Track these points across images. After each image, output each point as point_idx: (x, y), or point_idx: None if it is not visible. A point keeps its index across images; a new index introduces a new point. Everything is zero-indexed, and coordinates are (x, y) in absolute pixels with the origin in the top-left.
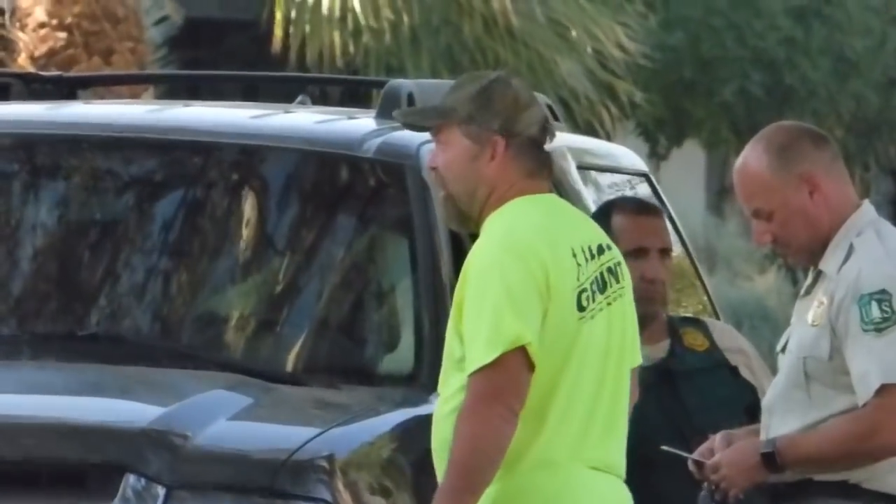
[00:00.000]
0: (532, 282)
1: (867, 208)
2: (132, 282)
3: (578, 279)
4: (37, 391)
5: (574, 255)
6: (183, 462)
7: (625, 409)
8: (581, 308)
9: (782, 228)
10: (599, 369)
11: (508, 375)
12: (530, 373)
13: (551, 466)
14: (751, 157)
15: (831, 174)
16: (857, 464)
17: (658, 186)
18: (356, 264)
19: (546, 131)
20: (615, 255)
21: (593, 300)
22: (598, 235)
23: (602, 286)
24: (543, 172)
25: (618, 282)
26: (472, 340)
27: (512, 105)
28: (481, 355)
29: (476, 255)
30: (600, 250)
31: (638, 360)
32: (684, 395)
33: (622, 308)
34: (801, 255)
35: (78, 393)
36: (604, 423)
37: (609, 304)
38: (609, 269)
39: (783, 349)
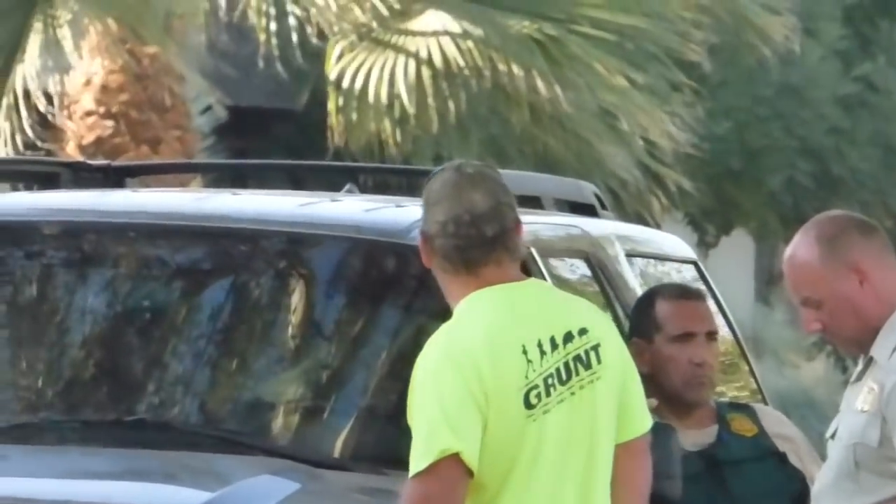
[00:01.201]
0: (466, 390)
1: None
2: (179, 369)
3: (527, 377)
4: (84, 477)
5: (525, 352)
6: None
7: (601, 489)
8: (529, 406)
9: (831, 317)
10: (560, 461)
11: (441, 484)
12: (467, 479)
13: None
14: (800, 247)
15: (880, 263)
16: None
17: (706, 273)
18: (403, 351)
19: (472, 224)
20: (592, 338)
21: (547, 395)
22: (569, 321)
23: (564, 377)
24: (496, 261)
25: (588, 368)
26: (411, 449)
27: (424, 203)
28: (414, 464)
29: (418, 363)
30: (568, 338)
31: (629, 434)
32: (731, 485)
33: (593, 393)
34: (850, 344)
35: (125, 479)
36: None
37: (573, 392)
38: (577, 357)
39: (832, 436)
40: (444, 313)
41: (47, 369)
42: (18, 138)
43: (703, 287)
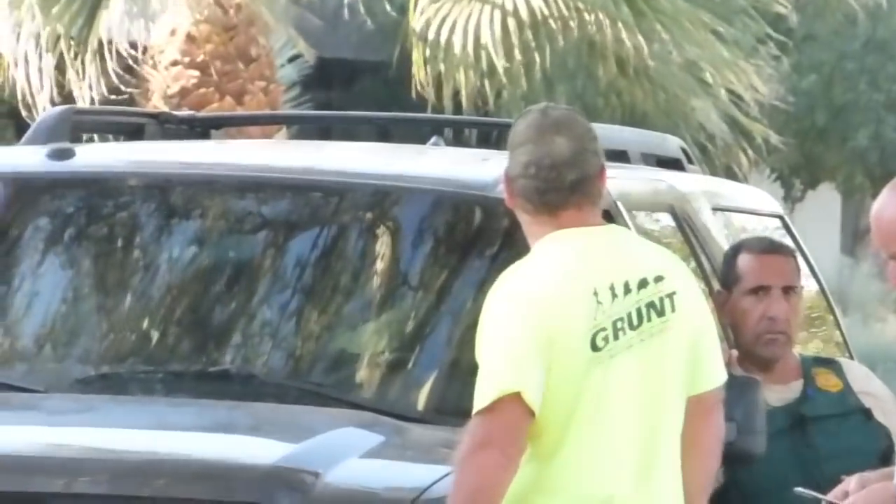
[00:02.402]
0: (531, 330)
1: None
2: (265, 321)
3: (595, 319)
4: (169, 429)
5: (595, 294)
6: (312, 500)
7: (668, 442)
8: (595, 348)
9: None
10: (625, 408)
11: (502, 422)
12: (528, 419)
13: None
14: (888, 203)
15: None
16: None
17: (793, 228)
18: None
19: (553, 168)
20: (667, 286)
21: (615, 338)
22: (645, 268)
23: (636, 322)
24: (576, 206)
25: (661, 315)
26: (476, 387)
27: (509, 143)
28: (476, 402)
29: (488, 300)
30: (642, 284)
31: (701, 387)
32: (816, 441)
33: (664, 341)
34: None
35: (209, 431)
36: (637, 461)
37: (643, 339)
38: (651, 304)
39: None
40: None
41: (133, 320)
42: (103, 83)
43: (789, 242)
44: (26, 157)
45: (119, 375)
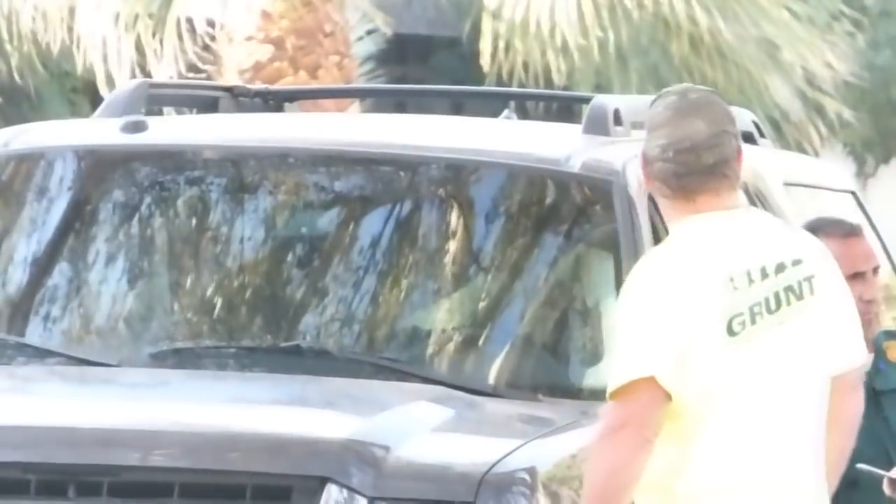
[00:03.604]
0: (666, 314)
1: None
2: (337, 295)
3: (732, 304)
4: (242, 403)
5: (731, 280)
6: (384, 474)
7: (811, 424)
8: (732, 333)
9: None
10: (767, 391)
11: (637, 405)
12: (663, 402)
13: (718, 491)
14: None
15: None
16: None
17: (864, 204)
18: (560, 280)
19: (692, 151)
20: (806, 269)
21: (752, 322)
22: (783, 251)
23: (773, 306)
24: (714, 189)
25: (800, 299)
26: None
27: (647, 126)
28: (610, 385)
29: (626, 283)
30: (780, 268)
31: (843, 367)
32: (889, 414)
33: (804, 324)
34: None
35: (282, 405)
36: (779, 443)
37: (781, 322)
38: (789, 288)
39: None
40: (602, 241)
41: (207, 296)
42: (181, 59)
43: (861, 217)
44: (100, 130)
45: (192, 350)
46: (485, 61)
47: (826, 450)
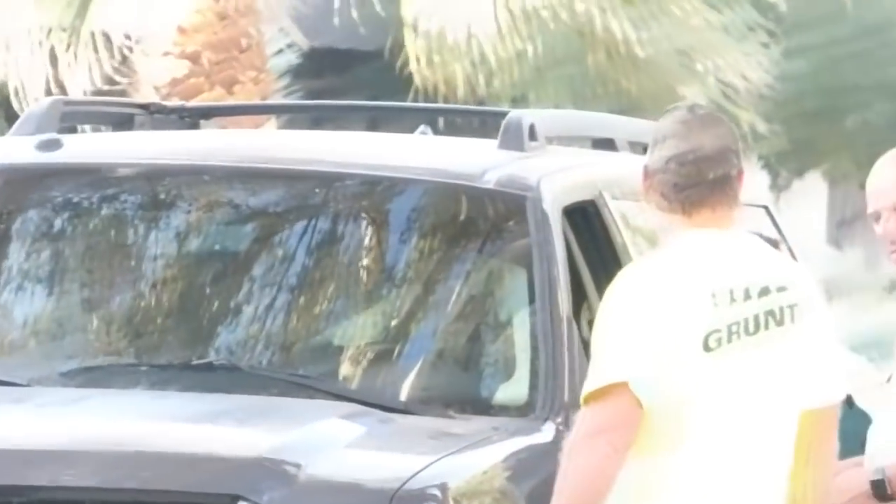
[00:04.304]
0: (644, 325)
1: None
2: (251, 312)
3: (711, 320)
4: (153, 421)
5: (714, 296)
6: (296, 491)
7: (777, 454)
8: (707, 348)
9: None
10: (736, 411)
11: (612, 411)
12: (636, 411)
13: None
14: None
15: None
16: None
17: (777, 219)
18: (474, 295)
19: (695, 163)
20: (790, 297)
21: (729, 341)
22: (769, 276)
23: (752, 328)
24: (712, 205)
25: (780, 325)
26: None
27: (652, 139)
28: (583, 389)
29: (608, 291)
30: (764, 292)
31: (817, 402)
32: None
33: (781, 351)
34: None
35: (193, 422)
36: (743, 469)
37: (758, 346)
38: (770, 312)
39: (889, 379)
40: (516, 257)
41: (119, 313)
42: (97, 73)
43: (774, 232)
44: (14, 149)
45: (103, 368)
46: (404, 75)
47: (805, 486)
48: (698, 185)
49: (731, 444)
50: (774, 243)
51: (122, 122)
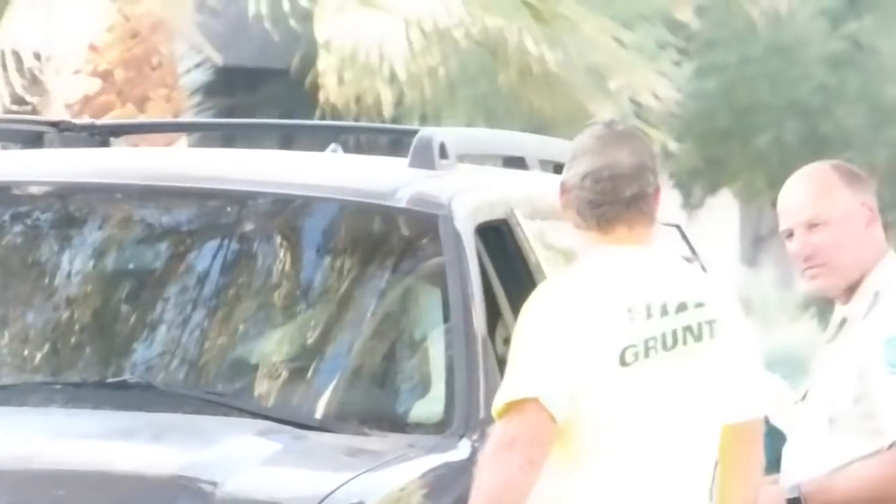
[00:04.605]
0: (559, 340)
1: (894, 257)
2: (164, 330)
3: (628, 335)
4: (67, 439)
5: (630, 311)
6: None
7: (697, 469)
8: (624, 363)
9: (833, 242)
10: (653, 426)
11: (524, 426)
12: (550, 425)
13: None
14: (816, 170)
15: (877, 216)
16: None
17: (689, 238)
18: (388, 313)
19: (610, 180)
20: (708, 313)
21: (646, 356)
22: (686, 293)
23: (669, 344)
24: (628, 222)
25: (698, 341)
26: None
27: (570, 154)
28: (495, 402)
29: (524, 308)
30: (681, 308)
31: (739, 416)
32: None
33: (699, 367)
34: (836, 277)
35: (108, 440)
36: (659, 482)
37: (676, 361)
38: (688, 328)
39: (804, 396)
40: (430, 275)
41: (32, 331)
42: (6, 91)
43: (687, 251)
44: None
45: (16, 387)
46: (315, 93)
47: (734, 498)
48: (614, 202)
49: (649, 458)
50: (688, 262)
51: (32, 140)
